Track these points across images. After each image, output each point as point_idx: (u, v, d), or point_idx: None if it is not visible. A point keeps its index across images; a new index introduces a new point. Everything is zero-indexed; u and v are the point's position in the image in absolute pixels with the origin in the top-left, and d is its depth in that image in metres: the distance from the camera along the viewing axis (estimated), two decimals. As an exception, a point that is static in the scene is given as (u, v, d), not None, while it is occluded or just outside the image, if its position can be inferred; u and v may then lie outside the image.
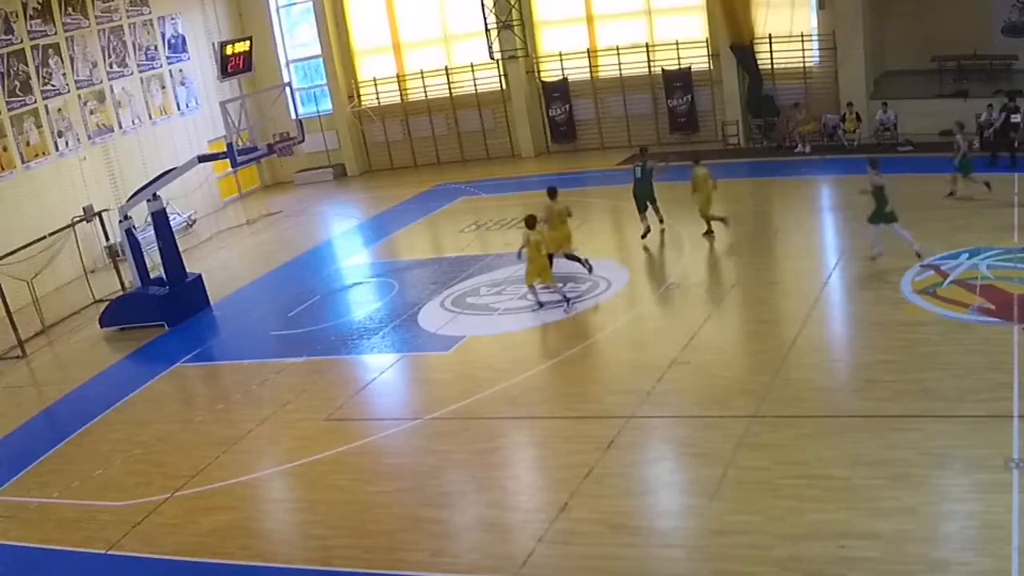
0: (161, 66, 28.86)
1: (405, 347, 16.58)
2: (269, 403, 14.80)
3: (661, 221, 20.35)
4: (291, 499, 12.30)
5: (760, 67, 27.10)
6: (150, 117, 28.31)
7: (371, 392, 15.02)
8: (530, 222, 16.62)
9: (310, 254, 23.68)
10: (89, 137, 26.04)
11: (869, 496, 9.79)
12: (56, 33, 25.13)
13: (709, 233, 19.52)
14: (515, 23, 29.13)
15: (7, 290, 19.30)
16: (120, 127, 27.11)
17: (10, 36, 23.78)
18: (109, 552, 11.21)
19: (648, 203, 20.14)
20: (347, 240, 24.99)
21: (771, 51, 26.94)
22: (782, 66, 27.07)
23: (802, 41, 26.95)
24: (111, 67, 26.96)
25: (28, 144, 24.18)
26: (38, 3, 24.56)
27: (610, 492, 10.81)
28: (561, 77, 29.87)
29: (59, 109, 25.16)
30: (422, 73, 31.25)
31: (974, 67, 25.47)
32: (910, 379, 12.13)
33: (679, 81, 28.33)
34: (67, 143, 25.29)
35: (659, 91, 28.77)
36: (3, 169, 23.49)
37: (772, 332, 14.77)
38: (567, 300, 16.81)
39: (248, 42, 24.55)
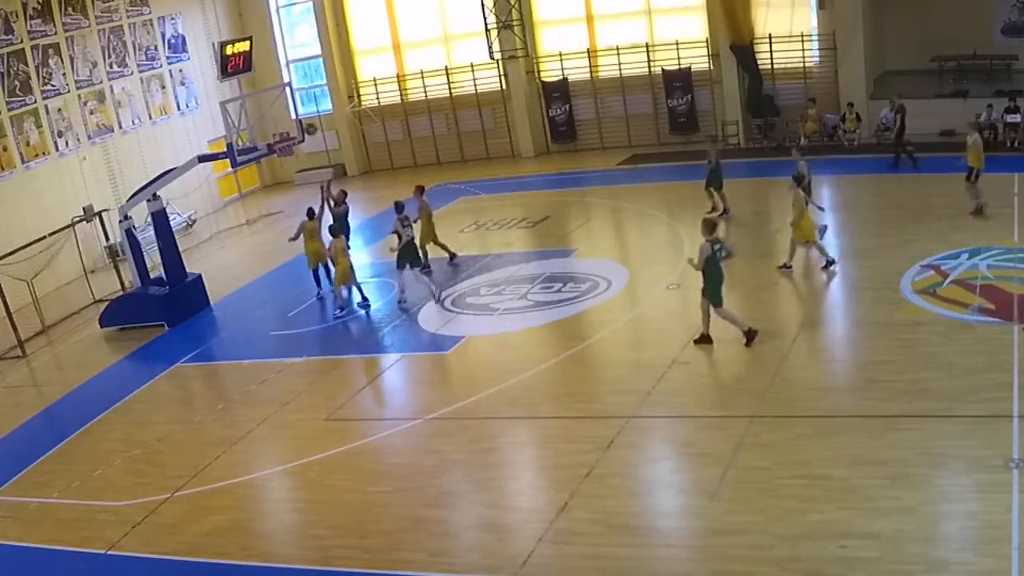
0: (161, 66, 28.86)
1: (405, 347, 16.58)
2: (269, 403, 14.80)
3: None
4: (291, 499, 12.30)
5: (760, 67, 27.10)
6: (150, 117, 28.31)
7: (371, 392, 15.03)
8: (333, 231, 18.34)
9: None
10: (89, 137, 26.03)
11: (869, 496, 9.79)
12: (56, 33, 25.13)
13: (453, 257, 20.26)
14: (515, 23, 29.12)
15: (7, 290, 19.31)
16: (120, 127, 27.11)
17: (10, 36, 23.78)
18: (109, 552, 11.22)
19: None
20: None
21: (771, 51, 26.94)
22: (782, 66, 27.06)
23: (802, 41, 26.94)
24: (111, 67, 26.96)
25: (28, 144, 24.18)
26: (38, 3, 24.56)
27: (610, 492, 10.82)
28: (561, 77, 29.86)
29: (59, 109, 25.17)
30: (422, 73, 31.24)
31: (974, 67, 25.48)
32: (910, 379, 12.13)
33: (679, 81, 28.32)
34: (67, 143, 25.29)
35: (659, 91, 28.75)
36: (3, 169, 23.49)
37: (772, 332, 14.76)
38: (365, 299, 18.38)
39: (248, 42, 24.48)
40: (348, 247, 19.06)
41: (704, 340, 14.22)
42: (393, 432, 13.31)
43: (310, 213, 19.48)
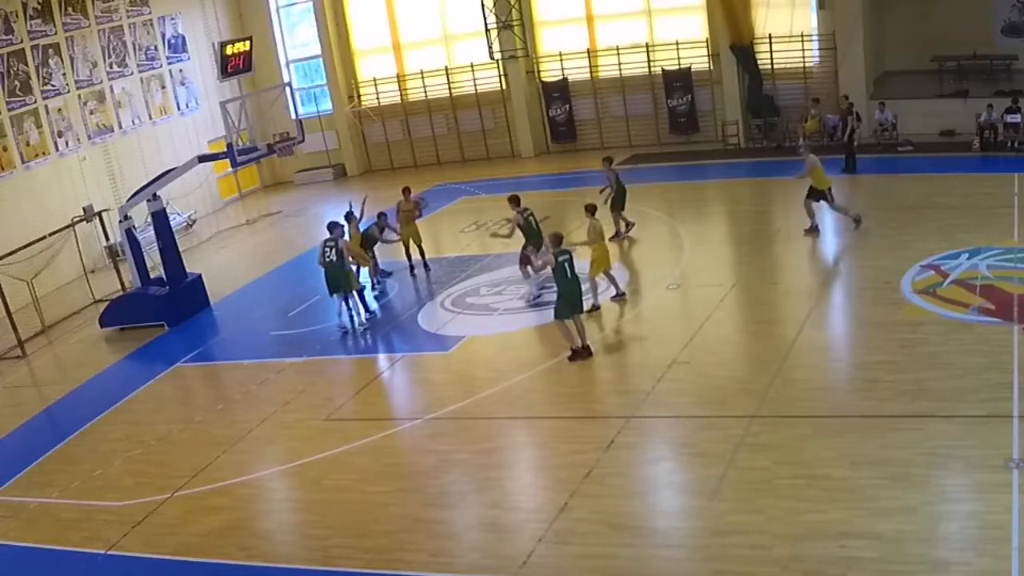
0: (161, 66, 28.86)
1: (405, 347, 16.59)
2: (269, 403, 14.80)
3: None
4: (291, 499, 12.30)
5: (760, 67, 27.10)
6: (150, 117, 28.31)
7: (371, 392, 15.02)
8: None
9: (310, 254, 23.51)
10: (89, 137, 26.03)
11: (869, 496, 9.79)
12: (56, 33, 25.12)
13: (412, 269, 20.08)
14: (515, 23, 29.13)
15: (7, 290, 19.30)
16: (120, 127, 27.10)
17: (10, 36, 23.77)
18: (109, 552, 11.22)
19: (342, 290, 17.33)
20: (347, 240, 24.96)
21: (771, 51, 26.93)
22: (782, 66, 27.06)
23: (802, 41, 26.94)
24: (111, 67, 26.95)
25: (28, 144, 24.17)
26: (38, 3, 24.56)
27: (610, 492, 10.82)
28: (561, 77, 29.86)
29: (59, 109, 25.16)
30: (422, 73, 31.24)
31: (974, 67, 25.48)
32: (910, 379, 12.13)
33: (679, 81, 28.32)
34: (67, 143, 25.28)
35: (659, 91, 28.75)
36: (3, 169, 23.49)
37: (772, 332, 14.77)
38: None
39: (248, 42, 24.51)
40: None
41: (582, 353, 14.36)
42: (393, 432, 13.31)
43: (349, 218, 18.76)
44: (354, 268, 17.73)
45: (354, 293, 17.47)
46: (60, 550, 11.46)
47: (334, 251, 16.98)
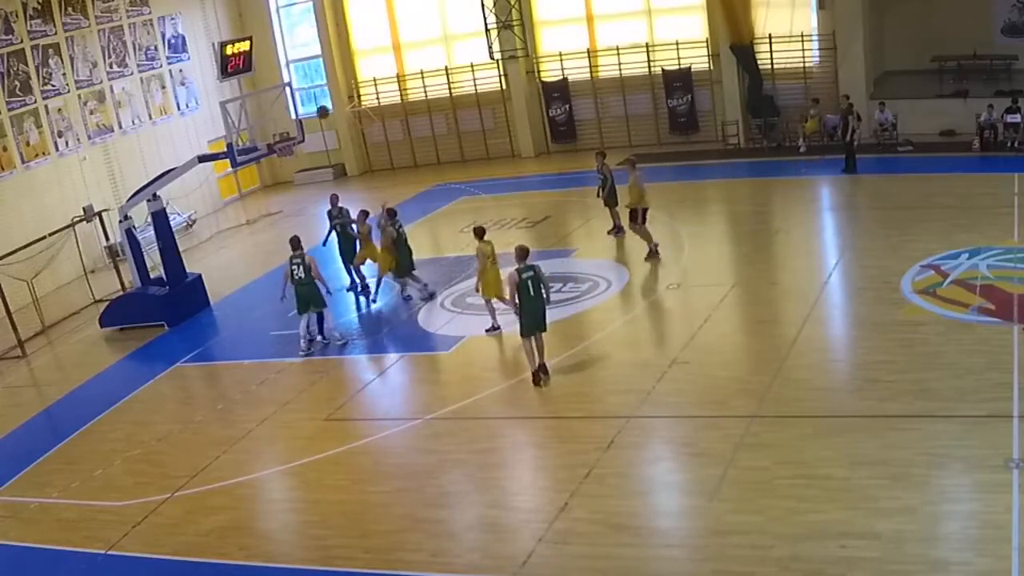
0: (161, 66, 28.86)
1: (405, 347, 16.59)
2: (269, 403, 14.81)
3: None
4: (291, 499, 12.31)
5: (760, 67, 27.10)
6: (150, 117, 28.31)
7: (371, 392, 15.03)
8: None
9: (310, 254, 23.58)
10: (89, 137, 26.03)
11: (869, 496, 9.79)
12: (56, 33, 25.12)
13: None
14: (515, 23, 29.13)
15: (7, 290, 19.31)
16: (120, 127, 27.11)
17: (10, 36, 23.77)
18: (109, 552, 11.22)
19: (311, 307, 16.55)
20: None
21: (771, 51, 26.93)
22: (782, 66, 27.06)
23: (802, 41, 26.94)
24: (111, 67, 26.96)
25: (28, 144, 24.17)
26: (38, 3, 24.56)
27: (610, 492, 10.82)
28: (561, 77, 29.87)
29: (59, 109, 25.16)
30: (422, 73, 31.24)
31: (974, 67, 25.49)
32: (910, 379, 12.14)
33: (679, 81, 28.33)
34: (67, 143, 25.28)
35: (659, 91, 28.76)
36: (3, 169, 23.49)
37: (772, 332, 14.78)
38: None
39: (248, 42, 24.53)
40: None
41: (540, 372, 13.86)
42: (393, 432, 13.31)
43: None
44: (321, 287, 16.89)
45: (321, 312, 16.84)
46: (60, 550, 11.46)
47: (301, 267, 16.44)
